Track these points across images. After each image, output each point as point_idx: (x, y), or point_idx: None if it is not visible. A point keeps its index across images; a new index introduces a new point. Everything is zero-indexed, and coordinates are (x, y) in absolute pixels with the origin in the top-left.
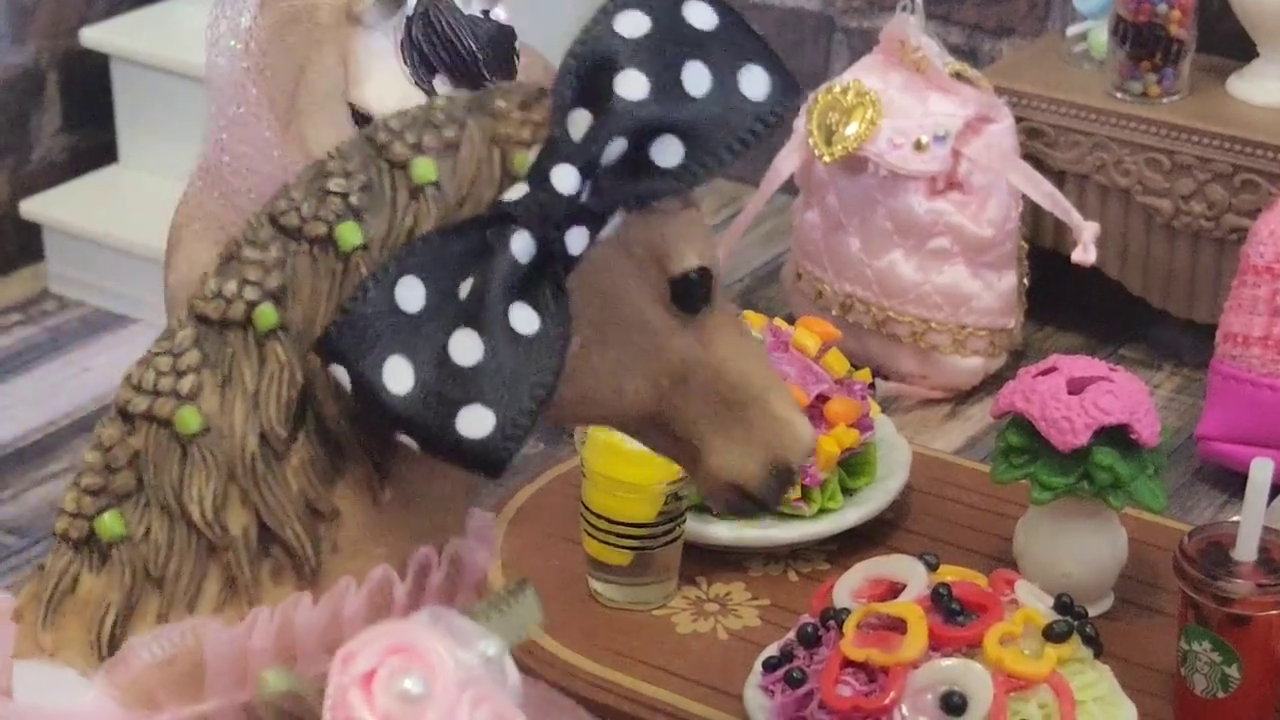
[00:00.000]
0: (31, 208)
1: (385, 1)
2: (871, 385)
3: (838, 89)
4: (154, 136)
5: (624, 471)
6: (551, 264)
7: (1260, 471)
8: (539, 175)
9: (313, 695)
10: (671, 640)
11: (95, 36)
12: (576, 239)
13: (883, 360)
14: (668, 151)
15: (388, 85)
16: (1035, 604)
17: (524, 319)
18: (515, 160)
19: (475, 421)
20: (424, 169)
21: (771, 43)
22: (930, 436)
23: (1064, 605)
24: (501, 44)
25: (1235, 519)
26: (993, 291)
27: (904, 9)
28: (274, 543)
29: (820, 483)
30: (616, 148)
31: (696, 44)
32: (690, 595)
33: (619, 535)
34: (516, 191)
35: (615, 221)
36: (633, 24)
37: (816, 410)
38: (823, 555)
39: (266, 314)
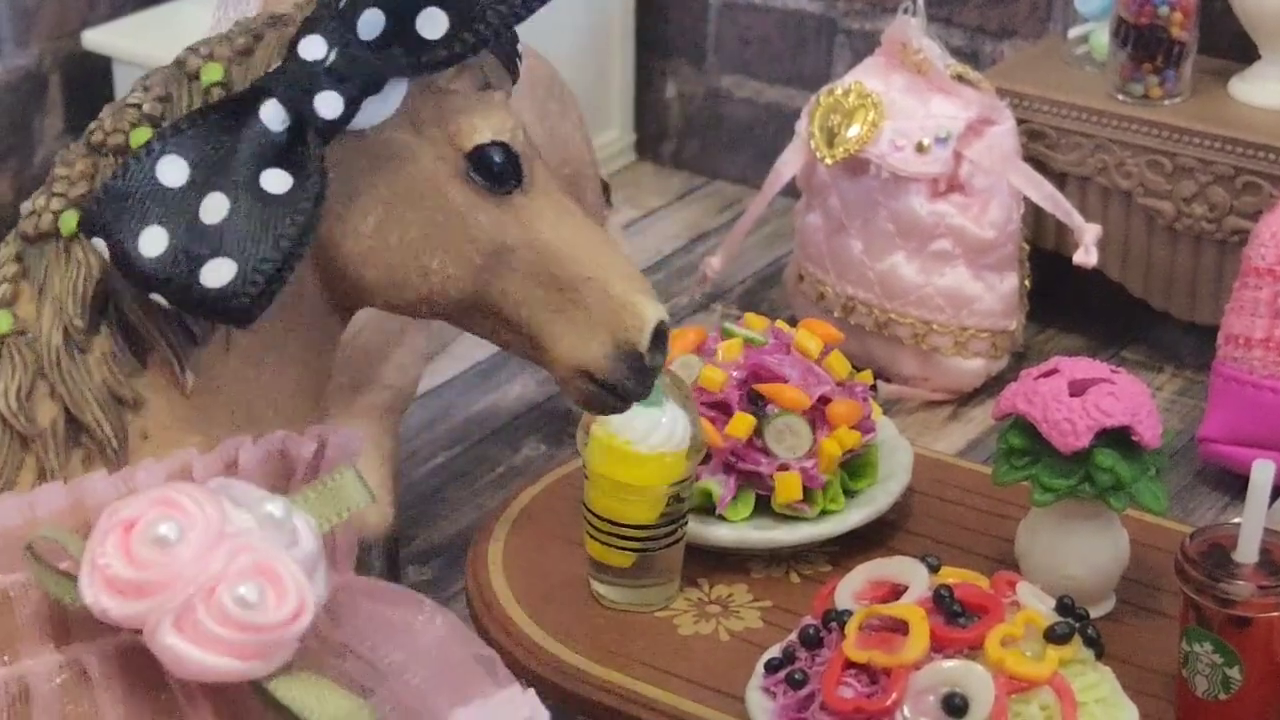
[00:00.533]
0: None
1: None
2: (873, 387)
3: (839, 91)
4: None
5: (626, 473)
6: (304, 129)
7: (1261, 473)
8: (291, 48)
9: (78, 550)
10: (673, 642)
11: (98, 39)
12: (328, 103)
13: (884, 362)
14: (432, 23)
15: None
16: (1037, 605)
17: (276, 181)
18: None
19: (217, 272)
20: (211, 71)
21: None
22: (932, 438)
23: (1065, 607)
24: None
25: (1236, 521)
26: (994, 293)
27: (906, 11)
28: (83, 433)
29: (822, 484)
30: (372, 19)
31: None
32: (692, 597)
33: (621, 537)
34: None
35: (396, 99)
36: None
37: (818, 412)
38: (824, 557)
39: (69, 219)
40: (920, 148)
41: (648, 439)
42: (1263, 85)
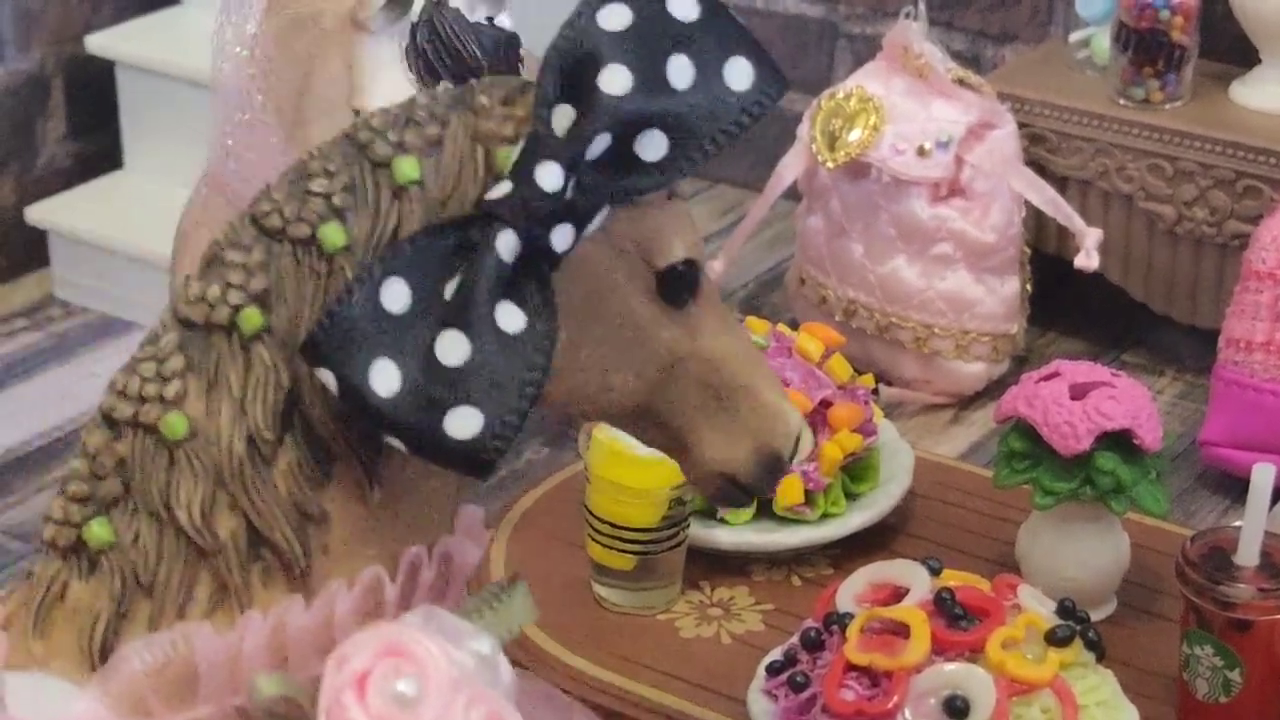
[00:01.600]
0: (37, 214)
1: (390, 8)
2: (874, 390)
3: (840, 95)
4: (159, 142)
5: (628, 476)
6: (536, 262)
7: (1262, 476)
8: (523, 173)
9: (306, 699)
10: (675, 645)
11: (100, 43)
12: (562, 236)
13: (886, 365)
14: (652, 145)
15: (392, 91)
16: (1038, 608)
17: (510, 318)
18: (499, 157)
19: (463, 422)
20: (407, 168)
21: (775, 48)
22: (933, 441)
23: (1066, 610)
24: (506, 51)
25: (1237, 524)
26: (995, 297)
27: (907, 15)
28: (263, 546)
29: (823, 487)
30: (601, 143)
31: (680, 36)
32: (694, 600)
33: (623, 540)
34: (501, 190)
35: (601, 216)
36: (615, 17)
37: (820, 415)
38: (826, 560)
39: (251, 317)
40: (921, 152)
41: None
42: (1263, 89)
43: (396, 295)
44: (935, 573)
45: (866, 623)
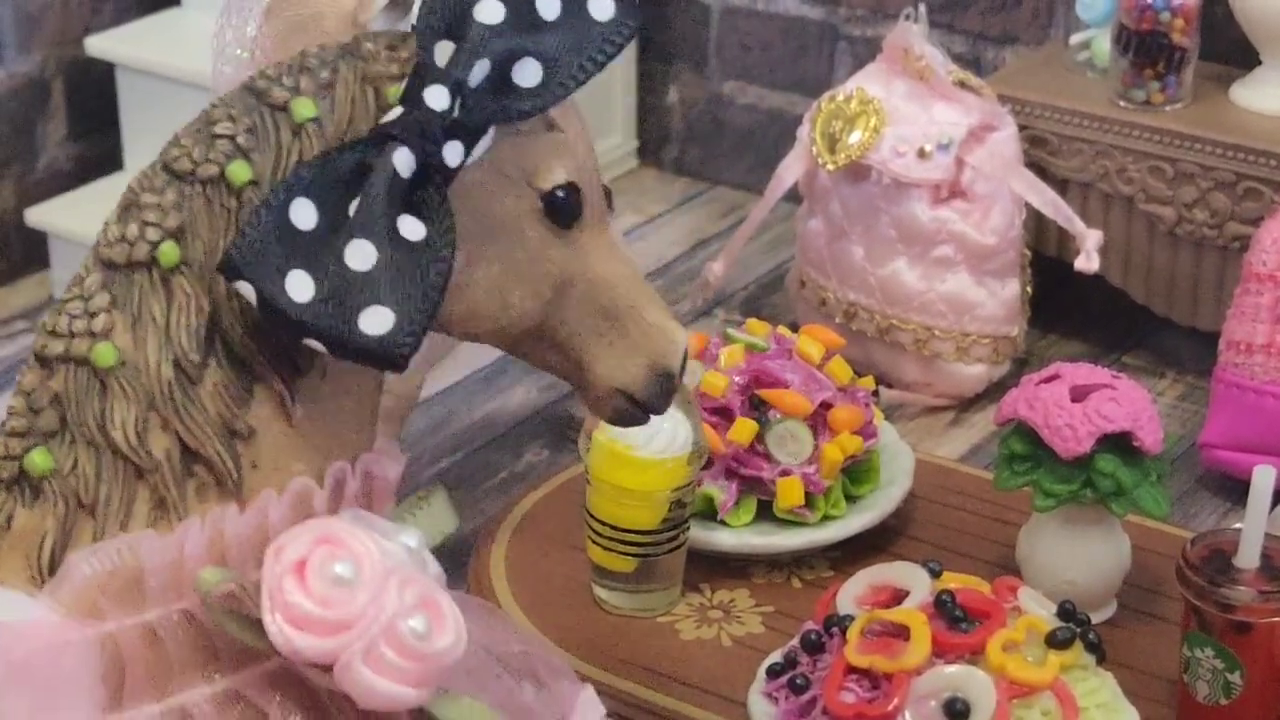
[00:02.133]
0: (37, 216)
1: (391, 10)
2: (875, 393)
3: (841, 97)
4: (160, 144)
5: (628, 479)
6: (432, 176)
7: (1262, 478)
8: (413, 97)
9: (249, 590)
10: (675, 647)
11: (101, 45)
12: (453, 152)
13: (886, 368)
14: (528, 73)
15: None
16: (1038, 611)
17: (411, 228)
18: (388, 94)
19: (376, 320)
20: (303, 107)
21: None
22: (934, 444)
23: (1067, 612)
24: None
25: (1237, 526)
26: (996, 299)
27: (907, 17)
28: (197, 463)
29: (824, 490)
30: (481, 69)
31: None
32: (694, 602)
33: (623, 542)
34: (394, 113)
35: (487, 142)
36: None
37: (820, 417)
38: (826, 562)
39: (168, 251)
40: (922, 154)
41: (650, 444)
42: (1264, 91)
43: (304, 214)
44: (935, 575)
45: (867, 625)
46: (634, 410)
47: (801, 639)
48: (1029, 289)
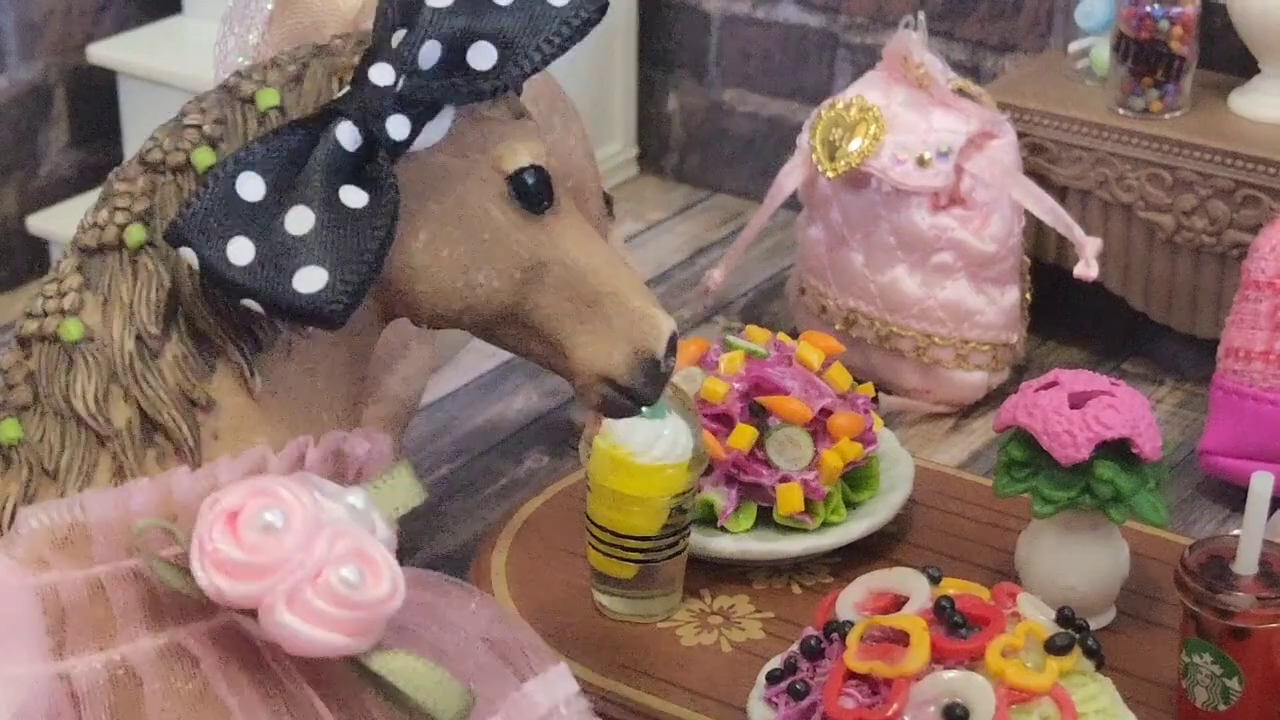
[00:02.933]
0: (39, 223)
1: None
2: (874, 399)
3: (841, 105)
4: None
5: (628, 485)
6: (377, 150)
7: (1260, 484)
8: (359, 76)
9: (183, 538)
10: (676, 653)
11: (103, 53)
12: (397, 125)
13: (886, 375)
14: (482, 56)
15: None
16: (1037, 617)
17: (353, 196)
18: (348, 82)
19: (310, 279)
20: (267, 96)
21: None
22: (933, 450)
23: (1066, 618)
24: None
25: (1236, 532)
26: (995, 306)
27: (907, 25)
28: (156, 432)
29: (824, 496)
30: (430, 50)
31: None
32: (694, 608)
33: (623, 548)
34: (341, 92)
35: (446, 124)
36: None
37: (820, 424)
38: (826, 568)
39: (135, 232)
40: (921, 161)
41: (650, 451)
42: (1262, 99)
43: (252, 186)
44: (935, 581)
45: (866, 631)
46: (618, 398)
47: (801, 644)
48: (1028, 296)
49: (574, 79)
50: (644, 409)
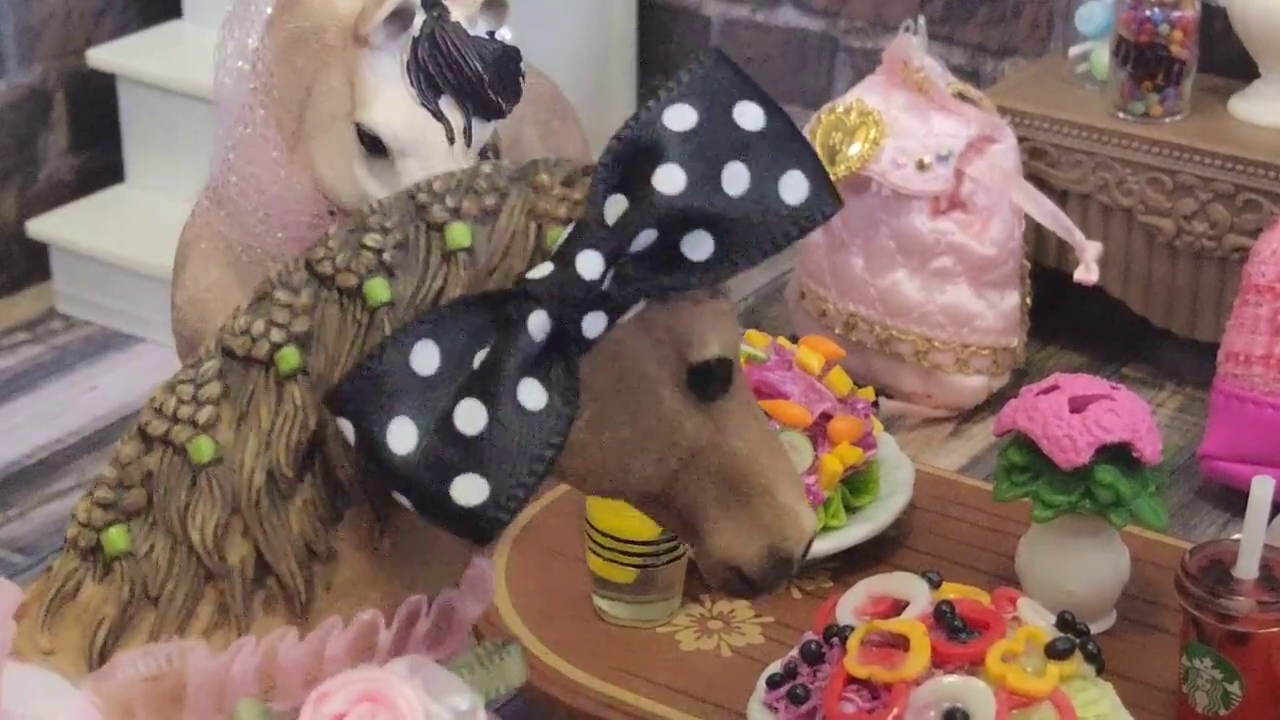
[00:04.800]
0: (38, 227)
1: (392, 23)
2: (874, 404)
3: (841, 109)
4: (161, 156)
5: None
6: (566, 344)
7: (1261, 489)
8: (565, 257)
9: None
10: (675, 657)
11: (102, 57)
12: (593, 323)
13: (886, 379)
14: (699, 246)
15: (394, 106)
16: (1037, 621)
17: (532, 394)
18: (550, 236)
19: (470, 489)
20: (459, 234)
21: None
22: (933, 455)
23: (1066, 622)
24: (507, 65)
25: (1236, 537)
26: (996, 310)
27: (907, 29)
28: (269, 576)
29: (823, 500)
30: (647, 237)
31: (741, 144)
32: (694, 612)
33: (623, 553)
34: (541, 270)
35: (640, 305)
36: (681, 117)
37: (820, 428)
38: (826, 573)
39: (289, 356)
40: (921, 165)
41: None
42: (1263, 103)
43: (427, 358)
44: (935, 585)
45: (866, 635)
46: (743, 586)
47: (801, 649)
48: (1028, 300)
49: (574, 83)
50: None
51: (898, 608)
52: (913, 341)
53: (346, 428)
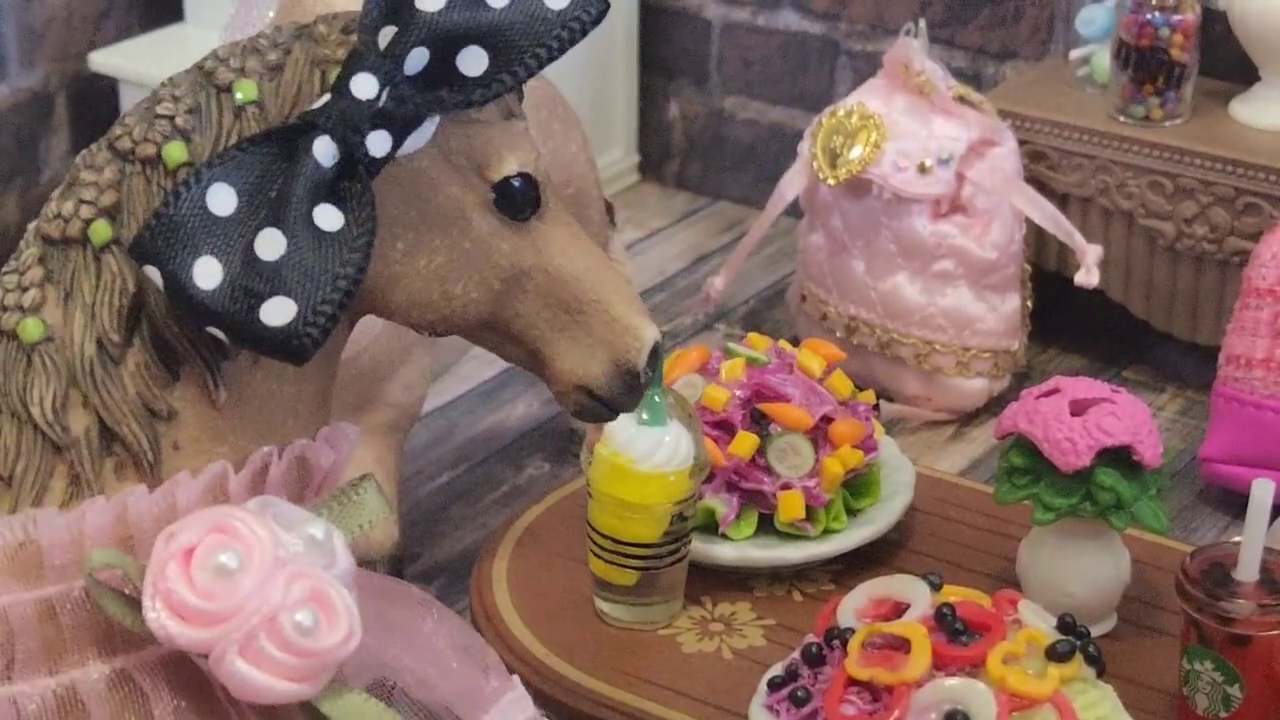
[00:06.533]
0: None
1: None
2: (876, 407)
3: (842, 112)
4: None
5: (630, 492)
6: (355, 167)
7: (1261, 491)
8: (341, 85)
9: (135, 572)
10: (677, 660)
11: (104, 60)
12: (378, 142)
13: (887, 382)
14: (472, 60)
15: None
16: (1038, 624)
17: (328, 217)
18: (332, 78)
19: (278, 311)
20: (246, 89)
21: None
22: (934, 458)
23: (1067, 625)
24: None
25: (1237, 539)
26: (996, 314)
27: (908, 33)
28: (115, 441)
29: (825, 503)
30: (418, 57)
31: None
32: (695, 615)
33: (625, 555)
34: (320, 101)
35: (430, 130)
36: None
37: (821, 431)
38: (827, 575)
39: (101, 229)
40: (922, 169)
41: (651, 458)
42: (1263, 107)
43: (224, 199)
44: (936, 588)
45: (868, 638)
46: (596, 406)
47: (802, 651)
48: (1029, 303)
49: (575, 86)
50: (645, 416)
51: (899, 610)
52: (914, 344)
53: (154, 274)
